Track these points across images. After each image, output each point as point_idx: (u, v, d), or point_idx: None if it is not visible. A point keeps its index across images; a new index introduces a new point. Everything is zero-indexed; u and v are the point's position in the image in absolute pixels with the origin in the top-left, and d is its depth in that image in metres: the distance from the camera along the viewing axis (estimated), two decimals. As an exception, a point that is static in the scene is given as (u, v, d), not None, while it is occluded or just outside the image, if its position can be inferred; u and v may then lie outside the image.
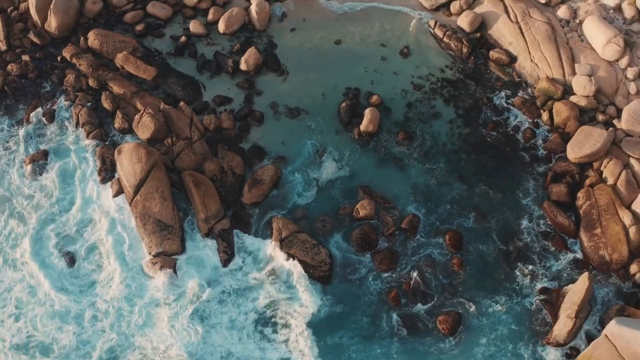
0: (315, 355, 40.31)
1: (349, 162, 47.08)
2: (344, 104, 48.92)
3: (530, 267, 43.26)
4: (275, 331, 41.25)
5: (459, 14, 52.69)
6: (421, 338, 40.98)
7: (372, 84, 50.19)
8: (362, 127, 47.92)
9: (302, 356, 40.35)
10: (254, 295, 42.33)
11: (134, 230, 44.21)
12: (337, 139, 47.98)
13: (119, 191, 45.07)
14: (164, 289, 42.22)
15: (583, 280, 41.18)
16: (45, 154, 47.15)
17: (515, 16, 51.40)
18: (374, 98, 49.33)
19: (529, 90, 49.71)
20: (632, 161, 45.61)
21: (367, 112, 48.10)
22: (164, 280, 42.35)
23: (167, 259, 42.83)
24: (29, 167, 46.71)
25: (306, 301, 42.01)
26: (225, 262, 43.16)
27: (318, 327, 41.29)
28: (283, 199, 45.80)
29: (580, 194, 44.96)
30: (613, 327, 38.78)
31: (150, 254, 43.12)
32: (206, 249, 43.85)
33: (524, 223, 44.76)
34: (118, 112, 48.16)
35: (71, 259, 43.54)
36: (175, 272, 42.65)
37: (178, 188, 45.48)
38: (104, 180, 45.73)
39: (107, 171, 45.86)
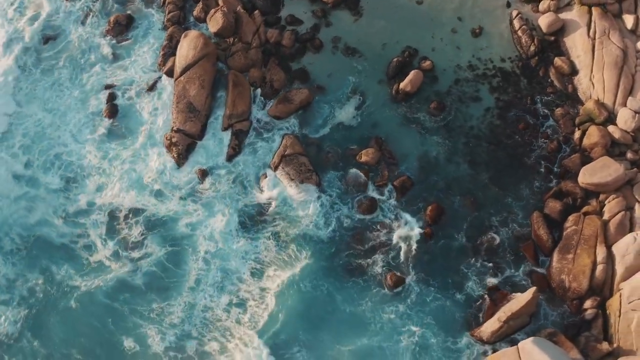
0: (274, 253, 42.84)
1: (376, 112, 47.17)
2: (395, 59, 48.53)
3: (493, 264, 42.19)
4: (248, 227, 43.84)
5: (544, 12, 50.00)
6: (358, 282, 41.85)
7: (433, 50, 49.10)
8: (402, 84, 47.44)
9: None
10: (242, 192, 44.71)
11: (170, 104, 47.53)
12: (376, 88, 48.00)
13: (171, 69, 48.11)
14: (170, 162, 45.48)
15: (529, 293, 40.04)
16: (129, 18, 50.87)
17: (595, 32, 47.81)
18: (427, 63, 48.38)
19: (575, 105, 46.84)
20: (637, 207, 42.38)
21: (412, 73, 47.51)
22: (174, 155, 45.52)
23: (183, 137, 45.80)
24: (110, 25, 50.60)
25: (283, 212, 44.13)
26: (230, 158, 45.68)
27: (281, 236, 43.37)
28: (303, 122, 46.85)
29: (571, 217, 42.66)
30: (527, 344, 37.73)
31: (172, 128, 46.30)
32: (219, 142, 46.38)
33: (507, 224, 43.31)
34: (201, 2, 50.48)
35: (111, 113, 47.46)
36: (186, 151, 45.65)
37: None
38: (164, 56, 48.86)
39: (170, 49, 48.87)
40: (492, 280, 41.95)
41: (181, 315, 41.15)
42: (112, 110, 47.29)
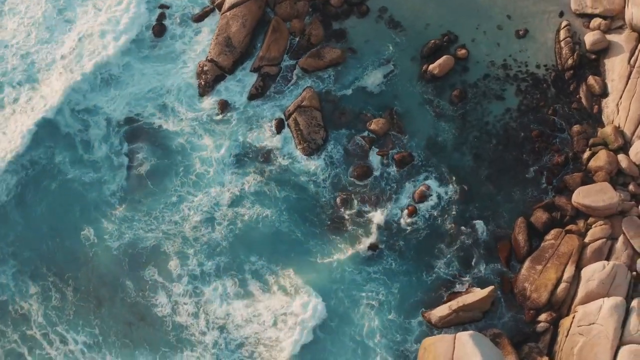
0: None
1: (399, 85, 46.99)
2: (433, 41, 47.83)
3: (466, 255, 42.10)
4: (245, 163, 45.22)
5: (593, 30, 47.78)
6: (333, 238, 42.74)
7: (472, 41, 47.95)
8: (431, 66, 46.92)
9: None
10: (251, 130, 45.97)
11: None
12: (407, 64, 47.68)
13: (222, 3, 49.10)
14: (193, 88, 47.16)
15: (485, 291, 40.03)
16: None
17: (636, 61, 45.40)
18: (462, 52, 47.50)
19: (594, 127, 45.04)
20: (621, 239, 40.97)
21: (443, 58, 46.92)
22: (201, 82, 47.10)
23: (214, 68, 47.44)
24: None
25: (281, 157, 45.20)
26: (251, 97, 46.78)
27: (272, 177, 44.65)
28: (328, 79, 47.22)
29: (553, 231, 41.93)
30: (464, 336, 37.99)
31: (207, 57, 47.73)
32: (245, 81, 47.50)
33: (491, 221, 42.89)
34: (264, -54, 51.69)
35: (159, 31, 49.23)
36: (213, 81, 46.99)
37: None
38: (218, -6, 51.07)
39: (225, -12, 50.88)
40: (460, 270, 41.85)
41: (143, 226, 43.35)
42: (160, 30, 49.03)
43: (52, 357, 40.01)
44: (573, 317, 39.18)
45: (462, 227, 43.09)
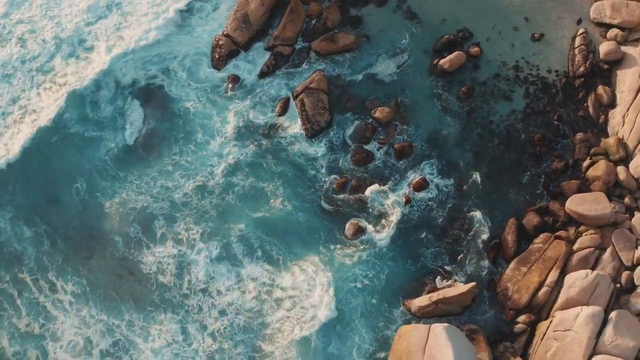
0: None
1: (410, 77, 46.91)
2: (447, 36, 47.71)
3: (455, 249, 42.03)
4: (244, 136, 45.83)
5: (610, 40, 47.16)
6: (325, 218, 43.18)
7: (487, 40, 47.63)
8: (442, 61, 46.83)
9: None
10: (256, 106, 46.52)
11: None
12: (419, 56, 47.55)
13: (244, -23, 50.32)
14: (206, 60, 47.99)
15: (466, 287, 40.27)
16: None
17: (649, 74, 45.37)
18: (475, 49, 47.19)
19: (598, 136, 44.48)
20: (609, 250, 40.58)
21: (455, 54, 46.74)
22: (215, 55, 47.82)
23: (229, 43, 48.09)
24: None
25: (283, 135, 45.73)
26: (262, 75, 47.26)
27: (270, 154, 45.22)
28: (341, 64, 47.42)
29: (542, 235, 41.62)
30: (438, 327, 38.21)
31: (223, 32, 48.33)
32: (258, 59, 48.05)
33: (484, 219, 42.65)
34: None
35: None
36: (227, 56, 47.59)
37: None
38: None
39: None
40: (448, 263, 41.86)
41: (135, 189, 44.36)
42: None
43: (41, 302, 41.30)
44: (550, 322, 39.11)
45: (455, 222, 43.07)
